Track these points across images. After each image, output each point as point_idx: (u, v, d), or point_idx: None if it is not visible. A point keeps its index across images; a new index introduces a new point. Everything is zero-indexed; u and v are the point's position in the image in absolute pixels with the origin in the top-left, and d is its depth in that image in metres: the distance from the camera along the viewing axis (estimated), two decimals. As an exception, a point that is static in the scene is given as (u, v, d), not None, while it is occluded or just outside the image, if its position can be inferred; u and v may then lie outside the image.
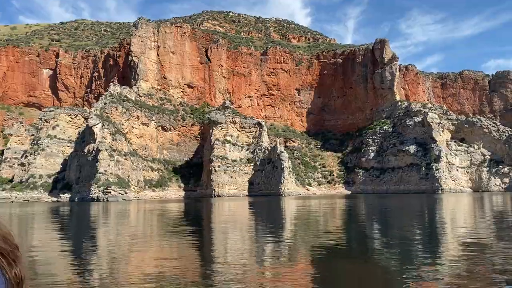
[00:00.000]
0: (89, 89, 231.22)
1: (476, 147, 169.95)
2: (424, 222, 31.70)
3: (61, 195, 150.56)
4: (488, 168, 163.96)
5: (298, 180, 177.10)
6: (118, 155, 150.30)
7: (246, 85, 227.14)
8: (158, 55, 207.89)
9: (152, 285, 10.75)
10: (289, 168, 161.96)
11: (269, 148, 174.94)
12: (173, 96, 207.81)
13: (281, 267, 13.42)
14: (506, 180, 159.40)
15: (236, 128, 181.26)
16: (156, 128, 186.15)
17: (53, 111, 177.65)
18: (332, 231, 25.91)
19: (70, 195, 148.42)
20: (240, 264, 14.13)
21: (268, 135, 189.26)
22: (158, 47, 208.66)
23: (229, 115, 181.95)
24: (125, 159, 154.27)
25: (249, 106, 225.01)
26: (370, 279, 11.92)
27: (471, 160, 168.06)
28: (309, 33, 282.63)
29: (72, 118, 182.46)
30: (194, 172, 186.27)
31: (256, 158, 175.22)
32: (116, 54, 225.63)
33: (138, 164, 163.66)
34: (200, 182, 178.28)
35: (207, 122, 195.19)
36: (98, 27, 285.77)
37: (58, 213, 57.57)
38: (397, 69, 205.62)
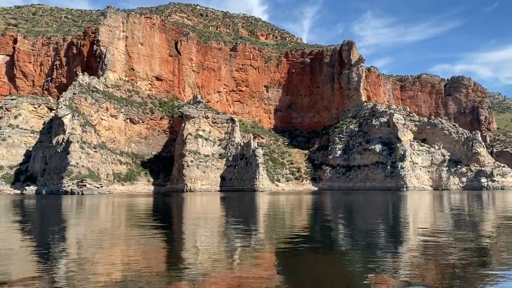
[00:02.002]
0: (49, 78, 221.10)
1: (436, 147, 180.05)
2: (388, 217, 33.32)
3: (25, 187, 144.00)
4: (447, 168, 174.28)
5: (268, 176, 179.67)
6: (88, 148, 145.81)
7: (215, 80, 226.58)
8: (126, 45, 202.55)
9: (117, 279, 10.70)
10: (263, 164, 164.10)
11: (242, 144, 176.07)
12: (141, 88, 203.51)
13: (248, 260, 13.70)
14: (464, 179, 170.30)
15: (208, 123, 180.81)
16: (124, 120, 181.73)
17: (15, 99, 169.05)
18: (299, 225, 26.79)
19: (35, 187, 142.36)
20: (209, 258, 14.32)
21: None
22: (127, 37, 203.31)
23: (201, 110, 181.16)
24: (95, 151, 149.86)
25: (218, 101, 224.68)
26: (333, 271, 12.48)
27: (432, 160, 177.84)
28: (276, 31, 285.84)
29: (35, 108, 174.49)
30: (163, 167, 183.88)
31: (229, 154, 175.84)
32: (80, 43, 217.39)
33: (107, 157, 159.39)
34: (171, 177, 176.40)
35: (178, 116, 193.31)
36: (58, 13, 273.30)
37: (23, 206, 54.96)
38: (364, 71, 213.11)
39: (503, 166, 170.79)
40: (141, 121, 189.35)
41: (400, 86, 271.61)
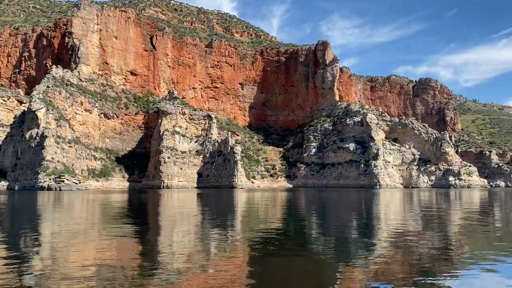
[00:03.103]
0: (17, 70, 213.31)
1: (407, 147, 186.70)
2: (360, 214, 34.37)
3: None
4: (417, 167, 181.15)
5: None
6: (63, 142, 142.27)
7: (190, 76, 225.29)
8: (100, 39, 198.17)
9: (90, 276, 10.55)
10: (241, 161, 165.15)
11: (219, 141, 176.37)
12: (115, 83, 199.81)
13: (223, 257, 13.79)
14: (433, 178, 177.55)
15: (185, 119, 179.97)
16: (99, 115, 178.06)
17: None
18: (274, 221, 27.31)
19: (6, 183, 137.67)
20: (182, 255, 14.16)
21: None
22: (101, 30, 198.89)
23: (178, 106, 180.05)
24: (70, 146, 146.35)
25: (193, 98, 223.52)
26: (306, 266, 12.70)
27: (402, 158, 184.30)
28: (251, 29, 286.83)
29: (4, 101, 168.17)
30: (138, 163, 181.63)
31: (206, 150, 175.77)
32: (51, 34, 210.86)
33: (81, 152, 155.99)
34: (146, 173, 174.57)
35: (153, 112, 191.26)
36: (26, 3, 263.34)
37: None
38: (338, 71, 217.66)
39: (469, 166, 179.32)
40: (115, 116, 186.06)
41: (370, 86, 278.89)
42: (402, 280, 10.42)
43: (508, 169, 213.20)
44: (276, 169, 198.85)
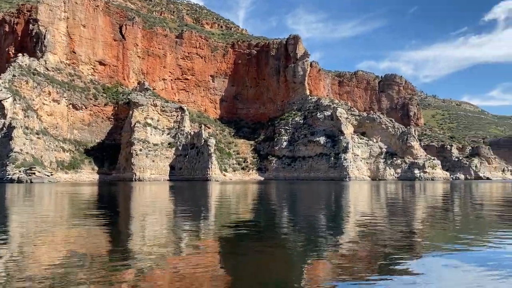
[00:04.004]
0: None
1: (374, 140, 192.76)
2: (330, 205, 35.13)
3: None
4: (384, 160, 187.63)
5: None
6: (31, 134, 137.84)
7: (160, 67, 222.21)
8: (67, 27, 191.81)
9: (57, 276, 10.11)
10: (215, 154, 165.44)
11: (192, 133, 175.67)
12: (83, 73, 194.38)
13: (194, 249, 13.77)
14: (399, 170, 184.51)
15: (157, 111, 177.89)
16: (67, 106, 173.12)
17: None
18: (246, 213, 27.64)
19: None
20: (154, 247, 14.04)
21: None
22: (68, 18, 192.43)
23: (149, 97, 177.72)
24: (38, 138, 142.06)
25: (163, 89, 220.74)
26: (275, 257, 12.91)
27: (370, 152, 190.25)
28: (221, 21, 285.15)
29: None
30: (107, 155, 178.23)
31: (178, 143, 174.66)
32: (14, 21, 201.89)
33: (50, 144, 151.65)
34: (117, 165, 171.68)
35: (123, 103, 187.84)
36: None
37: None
38: (309, 65, 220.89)
39: (433, 159, 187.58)
40: (84, 107, 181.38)
41: (338, 81, 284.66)
42: (366, 271, 10.68)
43: (467, 163, 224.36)
44: (247, 162, 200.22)
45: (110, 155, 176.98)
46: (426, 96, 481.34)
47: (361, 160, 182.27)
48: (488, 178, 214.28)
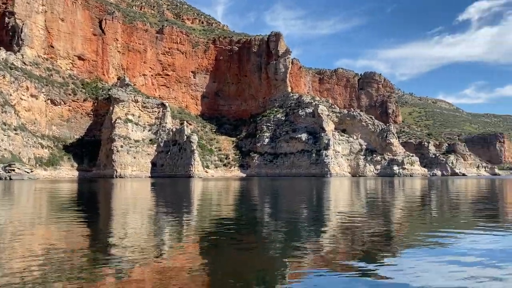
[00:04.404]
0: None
1: (355, 137, 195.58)
2: (312, 200, 35.61)
3: None
4: (364, 156, 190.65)
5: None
6: (8, 129, 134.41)
7: (141, 63, 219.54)
8: (45, 20, 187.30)
9: (36, 272, 9.97)
10: (198, 150, 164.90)
11: (174, 129, 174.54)
12: (61, 68, 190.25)
13: (175, 246, 13.65)
14: (378, 167, 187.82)
15: (138, 107, 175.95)
16: (45, 101, 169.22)
17: None
18: (228, 209, 27.84)
19: None
20: (134, 244, 13.82)
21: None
22: (46, 12, 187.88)
23: (130, 93, 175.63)
24: (16, 134, 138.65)
25: (143, 85, 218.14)
26: (256, 252, 12.91)
27: (350, 148, 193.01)
28: (202, 16, 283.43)
29: None
30: (87, 151, 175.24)
31: (160, 139, 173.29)
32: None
33: (28, 140, 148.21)
34: (97, 162, 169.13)
35: (103, 99, 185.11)
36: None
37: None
38: (290, 62, 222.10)
39: (412, 156, 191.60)
40: (62, 103, 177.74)
41: (318, 78, 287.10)
42: (346, 265, 10.89)
43: (444, 159, 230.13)
44: (229, 158, 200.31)
45: (90, 151, 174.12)
46: (403, 94, 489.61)
47: (341, 157, 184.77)
48: (463, 174, 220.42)
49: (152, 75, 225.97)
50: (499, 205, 30.04)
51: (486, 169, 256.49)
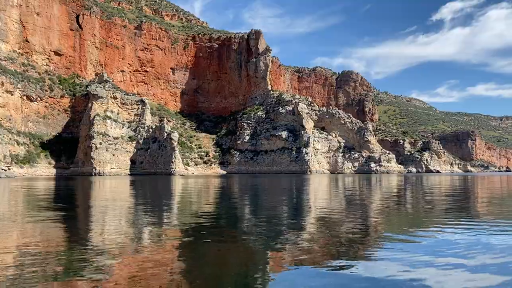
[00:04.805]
0: None
1: (333, 135, 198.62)
2: (292, 197, 35.95)
3: None
4: (342, 154, 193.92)
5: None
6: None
7: (119, 59, 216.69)
8: (20, 14, 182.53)
9: (11, 264, 9.95)
10: (178, 148, 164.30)
11: (154, 126, 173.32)
12: (37, 63, 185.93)
13: (154, 244, 13.53)
14: (356, 164, 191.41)
15: (117, 104, 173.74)
16: (21, 97, 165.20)
17: None
18: (208, 206, 27.92)
19: None
20: (113, 242, 13.67)
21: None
22: (20, 5, 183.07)
23: (109, 90, 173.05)
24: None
25: (121, 81, 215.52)
26: (236, 249, 12.96)
27: (329, 146, 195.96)
28: (181, 13, 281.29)
29: None
30: (65, 148, 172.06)
31: (139, 136, 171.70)
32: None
33: (3, 137, 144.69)
34: (75, 159, 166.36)
35: (81, 95, 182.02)
36: None
37: None
38: (270, 60, 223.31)
39: (389, 153, 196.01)
40: (39, 99, 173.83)
41: (297, 77, 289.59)
42: (324, 261, 11.06)
43: (419, 157, 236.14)
44: (209, 156, 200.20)
45: (68, 148, 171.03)
46: (379, 92, 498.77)
47: (321, 154, 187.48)
48: (438, 171, 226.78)
49: (130, 72, 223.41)
50: (471, 201, 31.08)
51: (459, 166, 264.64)
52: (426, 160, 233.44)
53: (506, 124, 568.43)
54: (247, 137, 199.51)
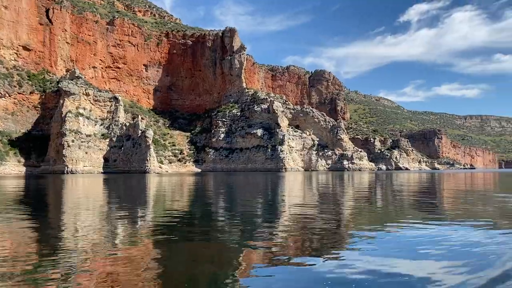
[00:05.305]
0: None
1: (307, 133, 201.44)
2: (266, 194, 36.17)
3: None
4: (316, 152, 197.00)
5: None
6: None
7: (91, 55, 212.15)
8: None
9: None
10: (153, 145, 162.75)
11: (127, 124, 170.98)
12: (5, 58, 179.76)
13: (127, 243, 13.25)
14: (330, 161, 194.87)
15: (89, 100, 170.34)
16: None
17: None
18: (183, 204, 27.76)
19: None
20: (85, 242, 13.36)
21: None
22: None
23: (82, 86, 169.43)
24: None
25: (93, 77, 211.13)
26: (210, 246, 12.96)
27: (303, 144, 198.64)
28: (154, 9, 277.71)
29: None
30: (35, 146, 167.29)
31: (112, 134, 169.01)
32: None
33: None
34: (46, 157, 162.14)
35: (51, 91, 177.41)
36: None
37: None
38: (245, 58, 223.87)
39: (360, 151, 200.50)
40: (7, 95, 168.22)
41: (271, 75, 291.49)
42: (297, 257, 11.18)
43: (389, 154, 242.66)
44: (184, 153, 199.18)
45: (38, 146, 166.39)
46: (349, 91, 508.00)
47: (295, 152, 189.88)
48: (407, 169, 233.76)
49: (102, 68, 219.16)
50: (438, 198, 32.21)
51: (427, 163, 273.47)
52: (396, 157, 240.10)
53: (470, 123, 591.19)
54: (222, 135, 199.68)
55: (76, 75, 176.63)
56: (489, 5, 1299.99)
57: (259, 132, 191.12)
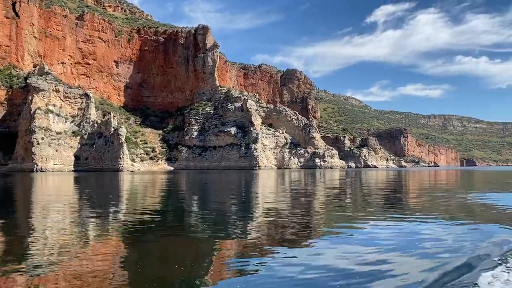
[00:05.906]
0: None
1: (280, 131, 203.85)
2: (239, 192, 36.54)
3: None
4: (289, 150, 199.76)
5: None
6: None
7: (59, 50, 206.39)
8: None
9: None
10: (126, 143, 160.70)
11: (99, 121, 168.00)
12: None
13: (99, 241, 13.08)
14: (302, 160, 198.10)
15: (59, 97, 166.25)
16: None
17: None
18: (156, 201, 27.87)
19: None
20: (55, 241, 13.05)
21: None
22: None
23: (51, 82, 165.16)
24: None
25: (61, 73, 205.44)
26: (181, 246, 12.80)
27: (276, 142, 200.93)
28: (125, 4, 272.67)
29: None
30: (1, 144, 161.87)
31: (83, 132, 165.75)
32: None
33: None
34: (14, 155, 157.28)
35: (18, 87, 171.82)
36: None
37: None
38: (218, 56, 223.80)
39: (332, 149, 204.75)
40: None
41: (243, 73, 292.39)
42: (269, 253, 11.30)
43: (358, 152, 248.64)
44: (156, 151, 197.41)
45: (6, 143, 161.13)
46: (318, 90, 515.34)
47: (269, 150, 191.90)
48: (375, 166, 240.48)
49: (71, 64, 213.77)
50: (403, 194, 34.43)
51: (394, 161, 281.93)
52: (365, 156, 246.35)
53: (433, 122, 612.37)
54: (195, 133, 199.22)
55: (45, 71, 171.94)
56: (450, 9, 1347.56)
57: (233, 130, 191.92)
